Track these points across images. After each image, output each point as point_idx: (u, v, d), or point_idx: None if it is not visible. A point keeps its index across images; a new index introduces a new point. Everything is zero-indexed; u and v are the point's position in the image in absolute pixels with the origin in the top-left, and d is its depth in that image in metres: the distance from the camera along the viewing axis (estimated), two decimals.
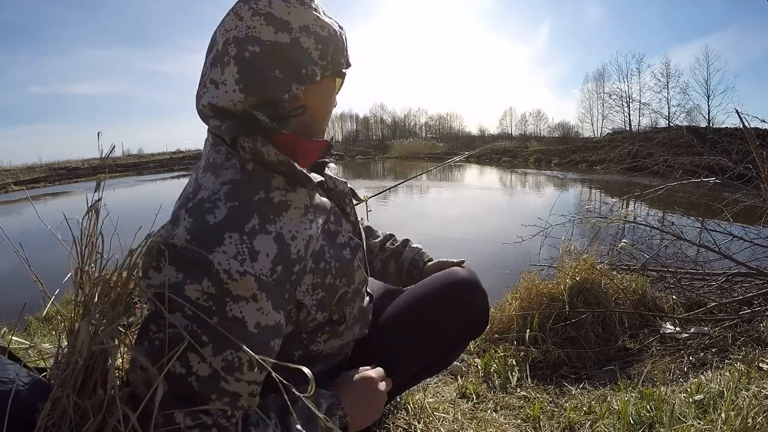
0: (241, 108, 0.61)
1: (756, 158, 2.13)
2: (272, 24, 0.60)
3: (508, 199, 10.32)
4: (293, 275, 0.59)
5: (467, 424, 1.21)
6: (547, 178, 15.00)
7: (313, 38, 0.62)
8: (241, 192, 0.58)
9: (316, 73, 0.64)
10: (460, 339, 0.95)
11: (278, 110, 0.62)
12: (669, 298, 2.21)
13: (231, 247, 0.53)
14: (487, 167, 20.99)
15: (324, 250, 0.66)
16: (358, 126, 50.18)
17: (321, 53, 0.64)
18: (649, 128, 23.22)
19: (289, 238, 0.59)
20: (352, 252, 0.72)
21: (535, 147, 27.99)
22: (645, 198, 3.13)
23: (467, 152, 12.92)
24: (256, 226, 0.56)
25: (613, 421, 1.17)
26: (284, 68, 0.61)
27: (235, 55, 0.60)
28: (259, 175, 0.61)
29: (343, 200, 0.78)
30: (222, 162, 0.62)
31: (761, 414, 1.01)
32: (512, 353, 1.72)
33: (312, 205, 0.65)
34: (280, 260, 0.56)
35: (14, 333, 0.66)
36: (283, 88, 0.62)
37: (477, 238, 5.07)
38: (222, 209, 0.55)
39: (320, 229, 0.65)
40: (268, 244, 0.56)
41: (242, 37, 0.60)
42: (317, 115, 0.69)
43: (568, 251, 2.46)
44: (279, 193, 0.61)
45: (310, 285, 0.63)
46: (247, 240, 0.54)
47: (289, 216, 0.60)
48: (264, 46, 0.60)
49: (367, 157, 33.32)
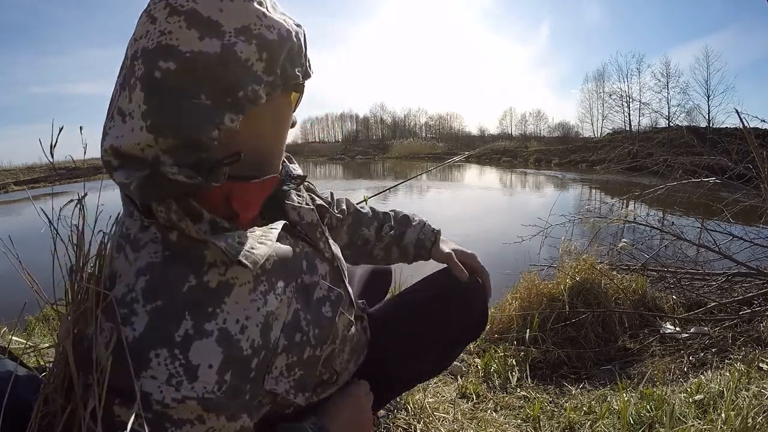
0: (151, 154, 0.43)
1: (756, 158, 2.13)
2: (196, 26, 0.43)
3: (508, 199, 10.32)
4: (252, 372, 0.46)
5: (467, 424, 1.21)
6: (547, 178, 15.00)
7: (255, 45, 0.45)
8: (164, 283, 0.43)
9: (259, 95, 0.46)
10: (458, 340, 0.93)
11: (205, 154, 0.45)
12: (669, 298, 2.22)
13: (160, 370, 0.40)
14: (487, 167, 20.99)
15: (299, 317, 0.53)
16: (358, 126, 50.26)
17: (267, 65, 0.47)
18: (649, 128, 23.25)
19: (238, 330, 0.45)
20: (334, 306, 0.58)
21: (535, 147, 28.02)
22: (645, 198, 3.13)
23: (467, 152, 12.95)
24: (190, 331, 0.42)
25: (613, 421, 1.17)
26: (213, 91, 0.44)
27: (142, 76, 0.43)
28: (188, 250, 0.45)
29: (313, 234, 0.62)
30: (137, 234, 0.46)
31: (761, 414, 1.01)
32: (512, 353, 1.72)
33: (265, 271, 0.50)
34: (228, 365, 0.43)
35: (14, 333, 0.66)
36: (212, 120, 0.44)
37: (477, 238, 5.07)
38: (141, 316, 0.42)
39: (286, 294, 0.52)
40: (209, 352, 0.42)
41: (153, 48, 0.43)
42: (266, 145, 0.53)
43: (568, 251, 2.46)
44: (216, 272, 0.45)
45: (283, 367, 0.51)
46: (180, 355, 0.41)
47: (233, 299, 0.46)
48: (182, 61, 0.42)
49: (367, 157, 33.36)
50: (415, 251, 0.91)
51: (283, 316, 0.51)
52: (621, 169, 3.64)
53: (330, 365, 0.62)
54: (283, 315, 0.51)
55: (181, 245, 0.45)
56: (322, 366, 0.58)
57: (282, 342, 0.50)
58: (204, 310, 0.43)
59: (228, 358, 0.43)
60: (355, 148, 38.85)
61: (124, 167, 0.44)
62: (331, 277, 0.62)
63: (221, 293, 0.45)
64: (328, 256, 0.63)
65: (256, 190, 0.52)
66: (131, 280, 0.44)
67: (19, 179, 20.89)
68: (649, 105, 22.11)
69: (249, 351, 0.46)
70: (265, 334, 0.48)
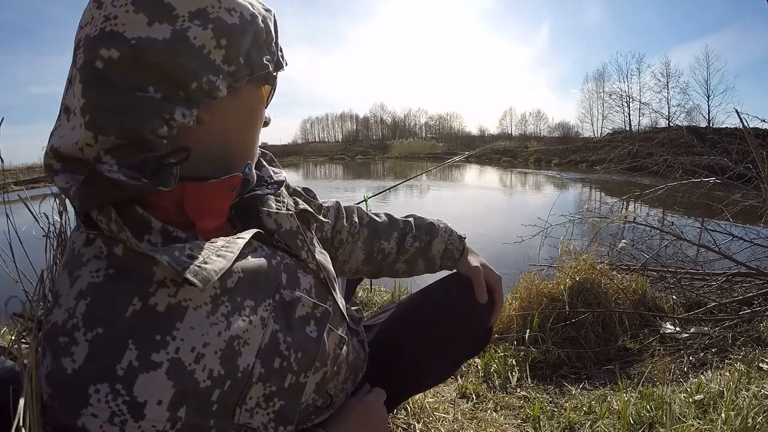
0: (91, 154, 0.39)
1: (756, 158, 2.13)
2: (145, 10, 0.39)
3: (508, 199, 10.32)
4: (215, 405, 0.40)
5: (467, 424, 1.21)
6: (547, 178, 15.00)
7: (211, 29, 0.40)
8: (106, 307, 0.38)
9: (217, 87, 0.42)
10: (461, 359, 0.89)
11: (151, 153, 0.40)
12: (669, 298, 2.22)
13: (101, 408, 0.35)
14: (487, 167, 20.99)
15: (277, 340, 0.45)
16: (358, 126, 50.33)
17: (228, 53, 0.42)
18: (649, 128, 23.26)
19: (192, 360, 0.38)
20: (320, 325, 0.51)
21: (535, 147, 28.05)
22: (645, 198, 3.13)
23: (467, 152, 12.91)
24: (134, 363, 0.36)
25: (613, 421, 1.17)
26: (162, 83, 0.39)
27: (82, 66, 0.38)
28: (134, 267, 0.39)
29: (293, 242, 0.55)
30: (80, 249, 0.41)
31: (761, 414, 1.01)
32: (512, 353, 1.72)
33: (226, 290, 0.43)
34: (182, 400, 0.37)
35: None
36: (159, 115, 0.39)
37: (477, 238, 5.07)
38: (82, 346, 0.36)
39: (259, 314, 0.45)
40: (157, 386, 0.36)
41: (95, 35, 0.38)
42: (230, 144, 0.47)
43: (568, 251, 2.46)
44: (165, 293, 0.39)
45: (260, 398, 0.44)
46: (123, 390, 0.35)
47: (187, 325, 0.39)
48: (127, 49, 0.38)
49: (367, 157, 33.34)
50: (441, 262, 0.83)
51: (257, 340, 0.44)
52: (621, 169, 3.64)
53: (323, 390, 0.55)
54: (257, 339, 0.44)
55: (127, 261, 0.39)
56: (314, 393, 0.53)
57: (257, 370, 0.43)
58: (151, 339, 0.37)
59: (181, 392, 0.37)
60: (355, 148, 38.84)
61: (66, 170, 0.40)
62: (317, 290, 0.55)
63: (171, 318, 0.39)
64: (312, 267, 0.56)
65: (213, 193, 0.45)
66: (71, 304, 0.38)
67: (19, 179, 20.94)
68: (649, 105, 22.12)
69: (207, 383, 0.39)
70: (228, 362, 0.41)
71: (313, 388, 0.52)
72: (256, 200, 0.54)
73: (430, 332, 0.77)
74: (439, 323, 0.77)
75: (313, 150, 42.36)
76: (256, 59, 0.45)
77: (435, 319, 0.78)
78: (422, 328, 0.78)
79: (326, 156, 36.01)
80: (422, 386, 0.91)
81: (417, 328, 0.78)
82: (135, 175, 0.38)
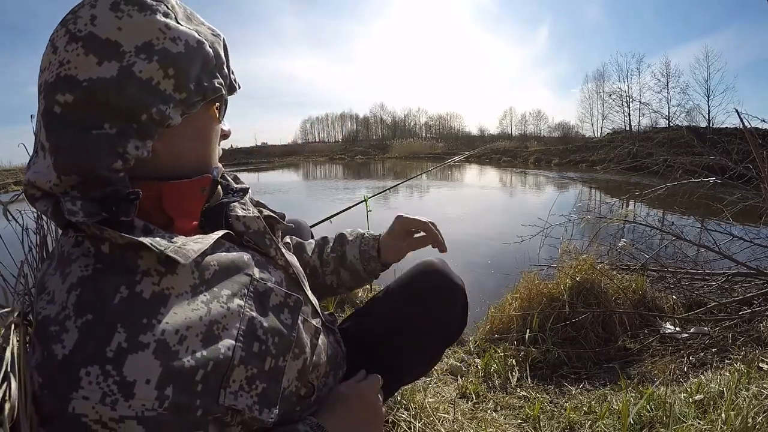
0: (59, 191, 0.43)
1: (756, 158, 2.13)
2: (94, 51, 0.41)
3: (508, 199, 10.32)
4: (199, 385, 0.42)
5: (467, 424, 1.21)
6: (547, 178, 15.00)
7: (156, 61, 0.43)
8: (95, 295, 0.40)
9: (168, 116, 0.44)
10: (441, 342, 0.87)
11: (110, 187, 0.44)
12: (669, 298, 2.22)
13: (93, 390, 0.37)
14: (487, 167, 20.99)
15: (254, 325, 0.49)
16: (358, 126, 50.36)
17: (177, 81, 0.44)
18: (649, 128, 23.28)
19: (176, 341, 0.41)
20: (293, 312, 0.55)
21: (535, 147, 28.07)
22: (645, 198, 3.13)
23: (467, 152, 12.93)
24: (123, 344, 0.38)
25: (613, 421, 1.17)
26: (114, 119, 0.42)
27: (44, 112, 0.42)
28: (121, 260, 0.43)
29: (262, 242, 0.59)
30: (69, 250, 0.44)
31: (761, 414, 1.01)
32: (512, 353, 1.72)
33: (204, 281, 0.47)
34: (169, 379, 0.40)
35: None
36: (113, 151, 0.42)
37: (477, 238, 5.07)
38: (72, 332, 0.39)
39: (235, 302, 0.48)
40: (146, 366, 0.39)
41: (52, 82, 0.42)
42: (188, 165, 0.51)
43: (567, 251, 2.46)
44: (150, 282, 0.43)
45: (243, 381, 0.46)
46: (114, 371, 0.38)
47: (171, 310, 0.42)
48: (80, 91, 0.41)
49: (367, 157, 33.35)
50: (364, 266, 0.84)
51: (235, 325, 0.47)
52: (621, 169, 3.63)
53: (305, 378, 0.57)
54: (235, 324, 0.47)
55: (114, 256, 0.43)
56: (297, 380, 0.55)
57: (238, 353, 0.46)
58: (138, 322, 0.40)
59: (168, 372, 0.40)
60: (355, 148, 38.87)
61: (43, 197, 0.45)
62: (288, 283, 0.59)
63: (156, 303, 0.42)
64: (281, 263, 0.60)
65: (188, 190, 0.50)
66: (63, 298, 0.41)
67: (19, 179, 20.93)
68: (649, 105, 22.12)
69: (191, 362, 0.41)
70: (209, 345, 0.44)
71: (295, 375, 0.55)
72: (224, 207, 0.59)
73: (401, 329, 0.78)
74: (410, 319, 0.78)
75: (313, 150, 42.41)
76: (208, 84, 0.48)
77: (402, 314, 0.79)
78: (390, 326, 0.80)
79: (326, 156, 36.05)
80: (410, 375, 0.90)
81: (385, 327, 0.80)
82: (94, 211, 0.42)
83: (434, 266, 0.81)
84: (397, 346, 0.79)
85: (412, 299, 0.80)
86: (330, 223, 2.08)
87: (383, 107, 52.27)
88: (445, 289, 0.79)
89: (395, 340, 0.79)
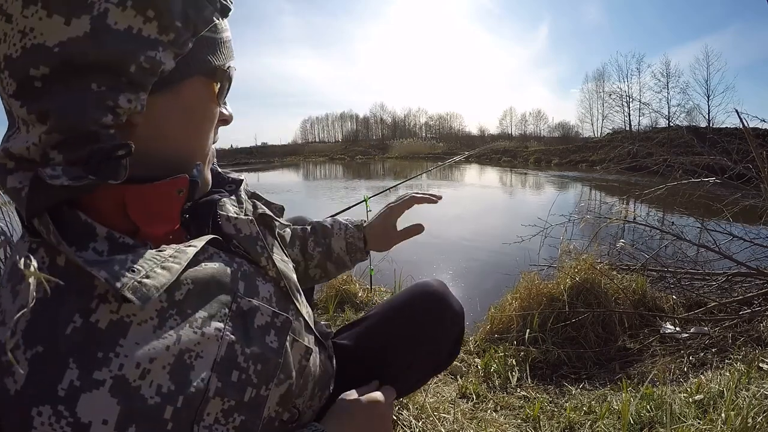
0: (37, 153, 0.37)
1: (756, 158, 2.13)
2: (58, 9, 0.35)
3: (508, 199, 10.32)
4: (169, 423, 0.38)
5: (467, 424, 1.22)
6: (547, 178, 15.00)
7: (131, 6, 0.36)
8: (47, 324, 0.36)
9: (159, 61, 0.39)
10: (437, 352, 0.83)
11: (96, 144, 0.38)
12: (669, 298, 2.22)
13: (45, 431, 0.33)
14: (487, 167, 20.99)
15: (234, 352, 0.43)
16: (358, 126, 50.37)
17: (160, 22, 0.38)
18: (649, 128, 23.28)
19: (137, 376, 0.36)
20: (280, 334, 0.48)
21: (535, 147, 28.13)
22: (645, 198, 3.13)
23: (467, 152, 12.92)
24: (76, 382, 0.34)
25: (613, 421, 1.17)
26: (100, 77, 0.37)
27: (16, 93, 0.37)
28: (77, 277, 0.37)
29: (253, 249, 0.53)
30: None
31: (761, 414, 1.01)
32: (512, 353, 1.72)
33: (174, 303, 0.41)
34: (130, 419, 0.36)
35: None
36: (102, 104, 0.37)
37: (477, 238, 5.07)
38: (22, 365, 0.35)
39: (212, 325, 0.43)
40: (101, 405, 0.35)
41: (19, 55, 0.36)
42: (174, 147, 0.44)
43: (567, 251, 2.46)
44: (107, 309, 0.37)
45: (219, 414, 0.41)
46: (66, 411, 0.34)
47: (132, 341, 0.37)
48: (55, 59, 0.36)
49: (367, 157, 33.35)
50: (351, 257, 0.84)
51: (212, 353, 0.41)
52: (621, 169, 3.64)
53: (289, 403, 0.52)
54: (211, 351, 0.41)
55: (70, 274, 0.37)
56: (278, 406, 0.50)
57: (213, 384, 0.41)
58: (92, 356, 0.35)
59: (127, 411, 0.35)
60: (355, 148, 38.88)
61: (18, 169, 0.38)
62: (278, 299, 0.53)
63: (114, 335, 0.37)
64: (272, 274, 0.54)
65: (156, 196, 0.43)
66: (13, 323, 0.36)
67: None
68: (649, 105, 22.15)
69: (156, 399, 0.37)
70: (179, 377, 0.39)
71: (276, 400, 0.49)
72: (212, 204, 0.52)
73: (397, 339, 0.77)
74: (402, 336, 0.77)
75: (313, 150, 42.42)
76: (196, 16, 0.41)
77: (395, 331, 0.78)
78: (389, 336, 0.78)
79: (326, 156, 36.06)
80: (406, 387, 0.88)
81: (385, 336, 0.78)
82: (80, 174, 0.36)
83: (435, 292, 0.79)
84: (386, 366, 0.76)
85: (408, 322, 0.77)
86: None
87: (383, 107, 52.43)
88: (444, 318, 0.77)
89: (386, 359, 0.76)
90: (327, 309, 2.11)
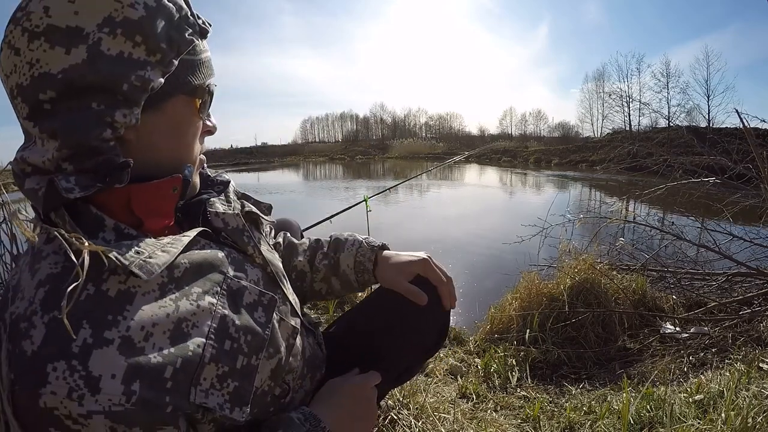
0: (51, 166, 0.44)
1: (756, 158, 2.13)
2: (59, 42, 0.41)
3: (508, 199, 10.32)
4: (169, 382, 0.42)
5: (467, 424, 1.22)
6: (547, 178, 15.00)
7: (120, 33, 0.42)
8: (62, 293, 0.40)
9: (149, 79, 0.44)
10: (417, 361, 0.86)
11: (101, 156, 0.44)
12: (669, 298, 2.22)
13: (60, 384, 0.38)
14: (487, 167, 20.99)
15: (226, 323, 0.49)
16: (358, 126, 50.35)
17: (147, 45, 0.44)
18: (649, 128, 23.27)
19: (142, 338, 0.42)
20: (267, 311, 0.54)
21: (535, 147, 28.11)
22: (645, 198, 3.13)
23: (467, 152, 12.92)
24: (89, 340, 0.39)
25: (613, 421, 1.17)
26: (98, 97, 0.43)
27: (29, 115, 0.43)
28: (89, 259, 0.42)
29: (240, 239, 0.59)
30: (41, 247, 0.45)
31: (761, 414, 1.01)
32: (512, 353, 1.72)
33: (173, 279, 0.47)
34: (135, 375, 0.40)
35: None
36: (101, 121, 0.43)
37: (477, 238, 5.07)
38: (39, 329, 0.40)
39: (206, 300, 0.48)
40: (110, 361, 0.40)
41: (29, 83, 0.42)
42: (163, 158, 0.50)
43: (567, 251, 2.46)
44: (116, 280, 0.43)
45: (214, 379, 0.46)
46: (79, 365, 0.38)
47: (137, 307, 0.43)
48: (59, 85, 0.42)
49: (367, 157, 33.35)
50: (357, 277, 0.80)
51: (206, 323, 0.47)
52: (621, 169, 3.64)
53: (280, 378, 0.57)
54: (205, 321, 0.47)
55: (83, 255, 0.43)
56: (270, 380, 0.55)
57: (209, 350, 0.46)
58: (103, 318, 0.41)
59: (133, 367, 0.40)
60: (355, 148, 38.88)
61: (36, 173, 0.45)
62: (265, 282, 0.59)
63: (122, 301, 0.42)
64: (259, 261, 0.60)
65: (155, 192, 0.49)
66: (32, 294, 0.42)
67: None
68: (649, 105, 22.19)
69: (158, 359, 0.42)
70: (177, 342, 0.44)
71: (268, 374, 0.55)
72: (202, 203, 0.59)
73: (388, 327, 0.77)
74: (382, 338, 0.77)
75: (313, 150, 42.40)
76: (179, 38, 0.47)
77: (377, 331, 0.78)
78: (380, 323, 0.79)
79: (326, 156, 36.05)
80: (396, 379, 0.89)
81: (377, 323, 0.79)
82: (90, 183, 0.43)
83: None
84: (373, 351, 0.76)
85: (393, 306, 0.77)
86: (330, 223, 2.08)
87: (383, 107, 52.38)
88: (423, 313, 0.76)
89: (372, 344, 0.77)
90: (327, 309, 2.11)
